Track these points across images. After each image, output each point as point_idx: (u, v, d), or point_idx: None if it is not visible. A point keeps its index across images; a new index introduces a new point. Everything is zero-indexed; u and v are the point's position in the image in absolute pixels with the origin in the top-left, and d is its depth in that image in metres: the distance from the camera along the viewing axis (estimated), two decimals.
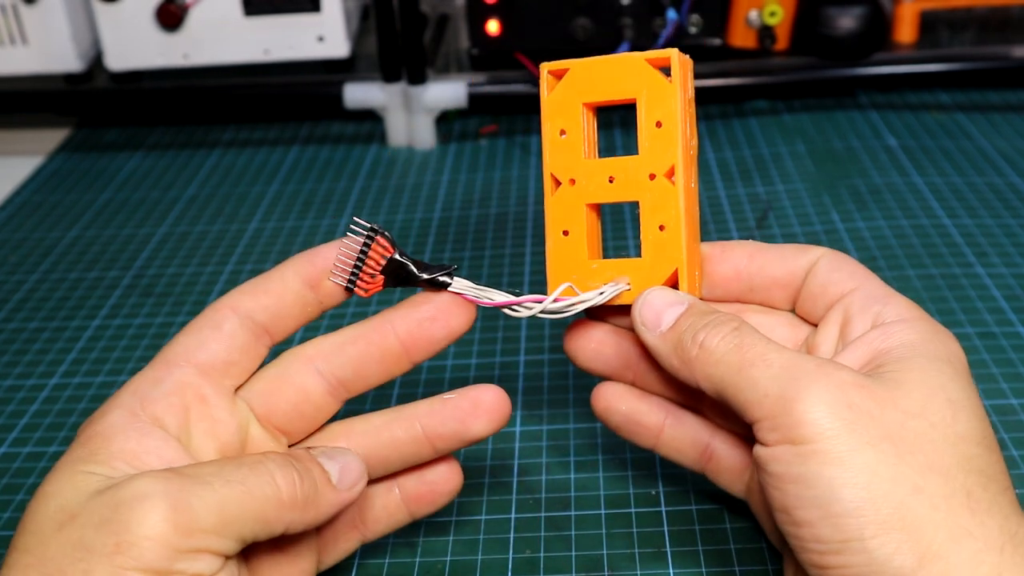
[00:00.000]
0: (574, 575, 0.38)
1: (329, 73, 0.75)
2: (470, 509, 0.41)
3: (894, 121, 0.73)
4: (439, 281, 0.35)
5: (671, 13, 0.70)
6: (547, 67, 0.37)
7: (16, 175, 0.75)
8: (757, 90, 0.76)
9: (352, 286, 0.35)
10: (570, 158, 0.36)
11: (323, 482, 0.32)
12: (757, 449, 0.31)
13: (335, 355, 0.35)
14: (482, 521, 0.41)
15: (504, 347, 0.51)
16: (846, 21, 0.72)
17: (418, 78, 0.72)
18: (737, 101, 0.78)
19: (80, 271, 0.62)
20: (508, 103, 0.75)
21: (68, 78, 0.75)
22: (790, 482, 0.29)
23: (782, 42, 0.74)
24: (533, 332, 0.52)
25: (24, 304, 0.59)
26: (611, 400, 0.38)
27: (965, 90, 0.78)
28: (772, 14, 0.73)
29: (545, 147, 0.37)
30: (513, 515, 0.41)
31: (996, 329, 0.50)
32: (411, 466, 0.36)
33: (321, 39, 0.72)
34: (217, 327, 0.34)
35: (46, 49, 0.74)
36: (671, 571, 0.38)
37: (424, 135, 0.75)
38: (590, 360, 0.38)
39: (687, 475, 0.42)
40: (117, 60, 0.73)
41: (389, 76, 0.72)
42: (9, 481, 0.45)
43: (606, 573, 0.38)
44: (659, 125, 0.35)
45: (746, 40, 0.75)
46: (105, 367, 0.52)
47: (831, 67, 0.73)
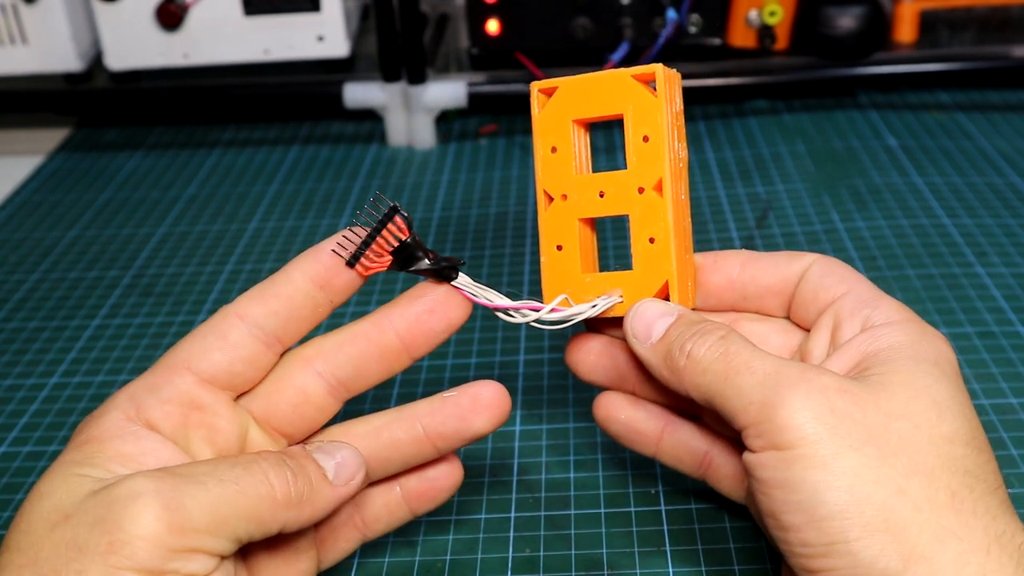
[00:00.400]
0: (574, 574, 0.38)
1: (329, 73, 0.75)
2: (470, 508, 0.41)
3: (894, 121, 0.73)
4: (445, 273, 0.35)
5: (671, 13, 0.70)
6: (537, 86, 0.37)
7: (16, 175, 0.75)
8: (757, 90, 0.76)
9: (354, 262, 0.34)
10: (561, 174, 0.37)
11: (318, 478, 0.32)
12: (745, 455, 0.31)
13: (334, 355, 0.35)
14: (482, 520, 0.41)
15: (504, 347, 0.51)
16: (846, 21, 0.72)
17: (418, 78, 0.72)
18: (737, 101, 0.78)
19: (80, 271, 0.62)
20: (508, 103, 0.75)
21: (68, 78, 0.75)
22: (776, 487, 0.30)
23: (782, 42, 0.74)
24: (533, 332, 0.52)
25: (24, 304, 0.59)
26: (611, 409, 0.38)
27: (965, 90, 0.78)
28: (772, 14, 0.73)
29: (537, 164, 0.37)
30: (513, 514, 0.41)
31: (996, 329, 0.50)
32: (413, 466, 0.36)
33: (321, 39, 0.72)
34: (223, 336, 0.34)
35: (46, 49, 0.74)
36: (671, 570, 0.38)
37: (424, 135, 0.75)
38: (590, 372, 0.38)
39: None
40: (117, 60, 0.73)
41: (389, 76, 0.72)
42: (9, 481, 0.45)
43: (605, 572, 0.38)
44: (646, 139, 0.35)
45: (746, 40, 0.75)
46: (105, 367, 0.52)
47: (831, 67, 0.73)
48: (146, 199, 0.70)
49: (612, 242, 0.59)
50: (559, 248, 0.37)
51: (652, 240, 0.35)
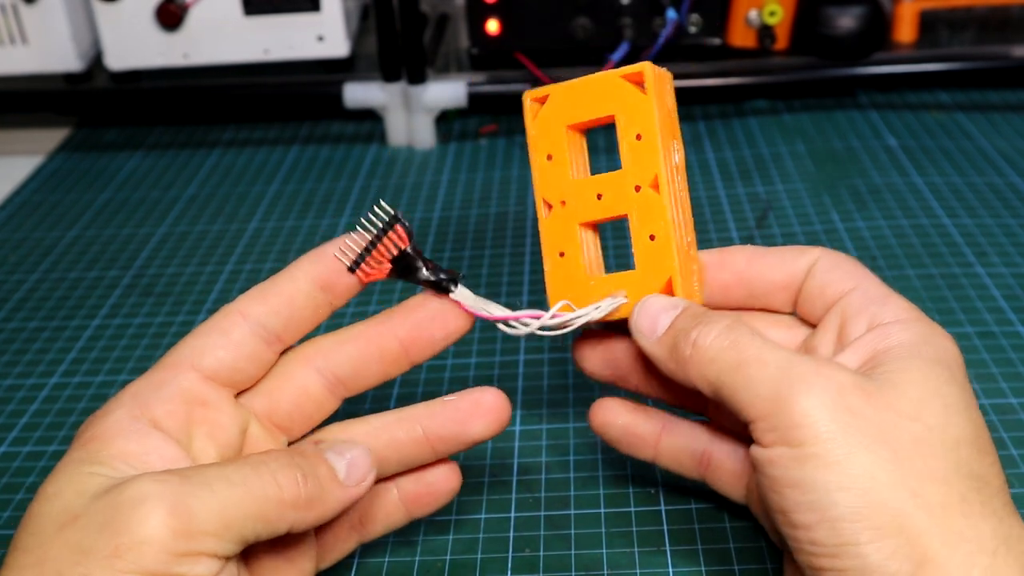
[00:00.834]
0: (573, 574, 0.38)
1: (329, 73, 0.75)
2: (470, 508, 0.41)
3: (894, 121, 0.73)
4: (442, 285, 0.35)
5: (671, 13, 0.70)
6: (529, 95, 0.37)
7: (16, 175, 0.75)
8: (757, 90, 0.76)
9: (355, 268, 0.35)
10: (558, 181, 0.37)
11: (328, 479, 0.32)
12: (754, 449, 0.31)
13: (334, 353, 0.35)
14: (482, 520, 0.41)
15: (504, 347, 0.51)
16: (846, 21, 0.72)
17: (418, 78, 0.72)
18: (737, 101, 0.78)
19: (80, 271, 0.62)
20: (508, 103, 0.75)
21: (68, 78, 0.75)
22: (787, 486, 0.29)
23: (782, 42, 0.74)
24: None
25: (24, 303, 0.59)
26: (607, 415, 0.38)
27: (965, 90, 0.78)
28: (772, 14, 0.73)
29: (534, 173, 0.37)
30: (513, 514, 0.41)
31: (996, 328, 0.50)
32: (410, 468, 0.36)
33: (321, 39, 0.72)
34: (225, 333, 0.34)
35: (46, 49, 0.74)
36: (670, 570, 0.38)
37: (424, 135, 0.75)
38: (597, 367, 0.38)
39: None
40: (117, 60, 0.73)
41: (389, 76, 0.72)
42: (9, 480, 0.45)
43: (605, 572, 0.38)
44: (639, 138, 0.35)
45: (746, 40, 0.75)
46: (105, 366, 0.52)
47: (831, 67, 0.73)
48: (146, 199, 0.70)
49: (612, 242, 0.59)
50: (562, 255, 0.37)
51: (652, 237, 0.35)
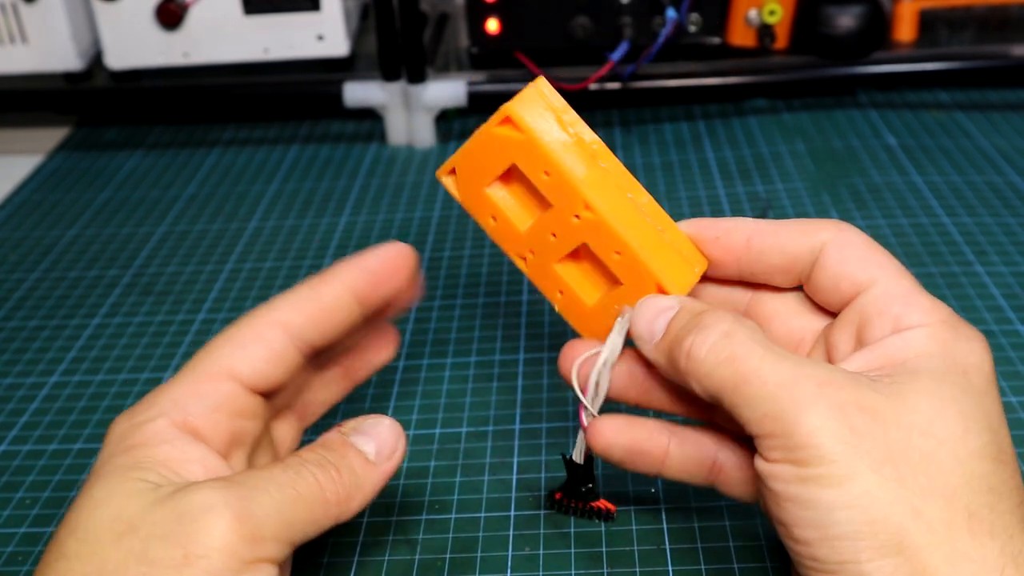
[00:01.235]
0: (573, 573, 0.38)
1: (329, 72, 0.75)
2: (469, 507, 0.41)
3: (893, 120, 0.73)
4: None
5: (670, 12, 0.70)
6: (441, 173, 0.37)
7: (16, 174, 0.75)
8: (757, 89, 0.76)
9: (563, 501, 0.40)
10: (513, 237, 0.37)
11: (361, 465, 0.32)
12: (758, 462, 0.30)
13: (297, 314, 0.36)
14: (481, 519, 0.41)
15: (504, 346, 0.51)
16: (845, 20, 0.72)
17: (418, 77, 0.72)
18: (736, 100, 0.78)
19: (80, 270, 0.62)
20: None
21: (68, 77, 0.75)
22: (789, 501, 0.29)
23: (781, 41, 0.74)
24: (533, 331, 0.52)
25: (24, 302, 0.59)
26: (609, 436, 0.36)
27: (964, 89, 0.78)
28: (771, 13, 0.73)
29: (491, 237, 0.37)
30: (512, 512, 0.41)
31: (995, 328, 0.50)
32: (344, 331, 0.37)
33: (321, 38, 0.73)
34: (267, 345, 0.34)
35: (46, 48, 0.74)
36: (670, 569, 0.38)
37: (424, 134, 0.75)
38: (619, 390, 0.37)
39: None
40: (117, 59, 0.73)
41: (389, 75, 0.72)
42: (9, 479, 0.45)
43: (605, 571, 0.38)
44: (548, 174, 0.35)
45: (745, 39, 0.75)
46: (105, 365, 0.52)
47: (831, 66, 0.73)
48: (146, 198, 0.71)
49: None
50: (561, 293, 0.37)
51: (618, 253, 0.35)
